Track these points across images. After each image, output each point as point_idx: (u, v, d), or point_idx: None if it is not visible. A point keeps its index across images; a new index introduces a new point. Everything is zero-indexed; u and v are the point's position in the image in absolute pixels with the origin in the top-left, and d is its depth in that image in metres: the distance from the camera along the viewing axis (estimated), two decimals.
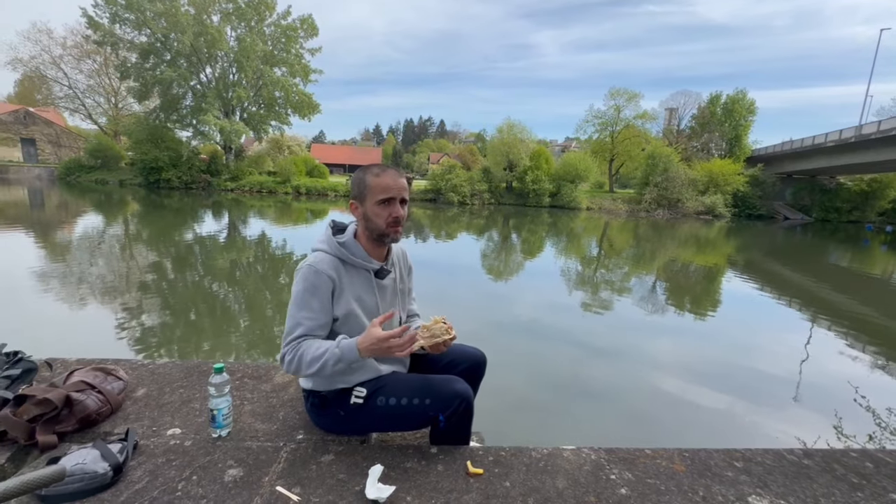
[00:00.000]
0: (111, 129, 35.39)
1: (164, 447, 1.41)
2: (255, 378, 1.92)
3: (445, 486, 1.30)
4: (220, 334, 4.78)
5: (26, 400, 1.42)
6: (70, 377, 1.57)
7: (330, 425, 1.53)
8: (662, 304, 7.65)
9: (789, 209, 33.14)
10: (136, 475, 1.27)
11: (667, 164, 30.05)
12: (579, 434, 3.35)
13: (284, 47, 29.52)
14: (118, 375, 1.68)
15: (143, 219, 15.22)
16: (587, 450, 1.54)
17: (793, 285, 10.14)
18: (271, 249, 10.55)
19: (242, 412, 1.64)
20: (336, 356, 1.28)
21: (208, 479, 1.27)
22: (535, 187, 29.84)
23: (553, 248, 14.18)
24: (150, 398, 1.70)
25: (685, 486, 1.37)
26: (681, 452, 1.55)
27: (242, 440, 1.47)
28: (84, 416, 1.46)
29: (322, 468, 1.34)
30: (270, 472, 1.32)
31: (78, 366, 1.81)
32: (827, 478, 1.45)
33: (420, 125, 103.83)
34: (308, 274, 1.40)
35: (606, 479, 1.38)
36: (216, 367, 1.43)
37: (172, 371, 1.92)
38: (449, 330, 1.43)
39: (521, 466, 1.42)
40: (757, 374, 4.64)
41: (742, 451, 1.57)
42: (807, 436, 3.44)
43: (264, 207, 20.95)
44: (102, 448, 1.26)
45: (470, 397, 1.45)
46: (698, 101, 39.97)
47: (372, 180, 1.42)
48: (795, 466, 1.51)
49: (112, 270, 7.19)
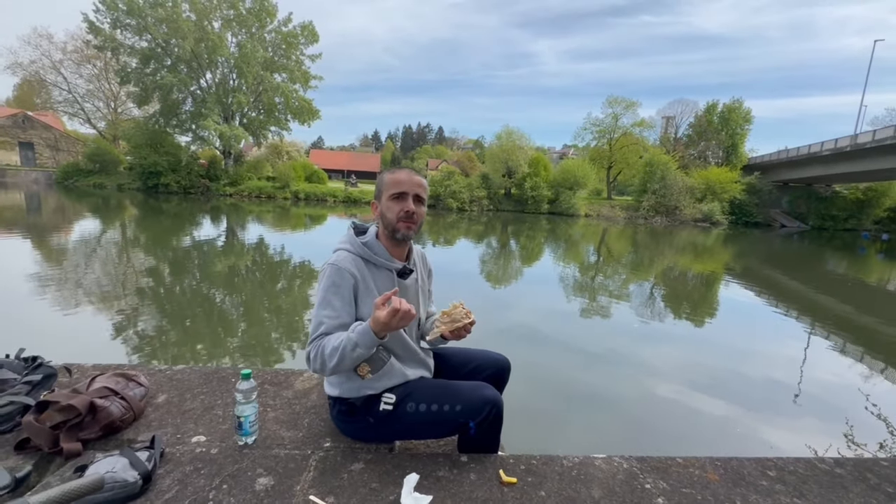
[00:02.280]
0: (110, 133, 35.31)
1: (191, 455, 1.38)
2: (275, 384, 1.89)
3: (480, 496, 1.27)
4: (225, 340, 4.73)
5: (49, 406, 1.38)
6: (92, 383, 1.53)
7: (358, 433, 1.51)
8: (668, 311, 7.66)
9: (786, 217, 33.40)
10: (165, 484, 1.24)
11: (664, 172, 30.29)
12: (591, 443, 3.32)
13: (285, 53, 29.65)
14: (139, 381, 1.65)
15: (142, 223, 15.14)
16: (618, 458, 1.52)
17: (791, 293, 10.18)
18: (270, 254, 10.50)
19: (266, 419, 1.61)
20: (353, 341, 1.25)
21: (239, 488, 1.24)
22: (534, 194, 29.97)
23: (552, 255, 14.20)
24: (171, 405, 1.67)
25: (721, 495, 1.35)
26: (712, 461, 1.53)
27: (269, 448, 1.45)
28: (108, 423, 1.43)
29: (353, 477, 1.32)
30: (301, 480, 1.29)
31: (96, 371, 1.78)
32: (861, 487, 1.44)
33: (419, 131, 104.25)
34: (331, 272, 1.39)
35: (642, 488, 1.36)
36: (244, 373, 1.40)
37: (191, 377, 1.89)
38: (468, 314, 1.43)
39: (553, 475, 1.40)
40: (760, 382, 4.64)
41: (774, 460, 1.56)
42: (817, 444, 3.42)
43: (263, 213, 20.90)
44: (131, 456, 1.23)
45: (500, 404, 1.43)
46: (695, 110, 40.47)
47: (387, 177, 1.47)
48: (829, 475, 1.49)
49: (113, 275, 7.13)
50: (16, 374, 1.56)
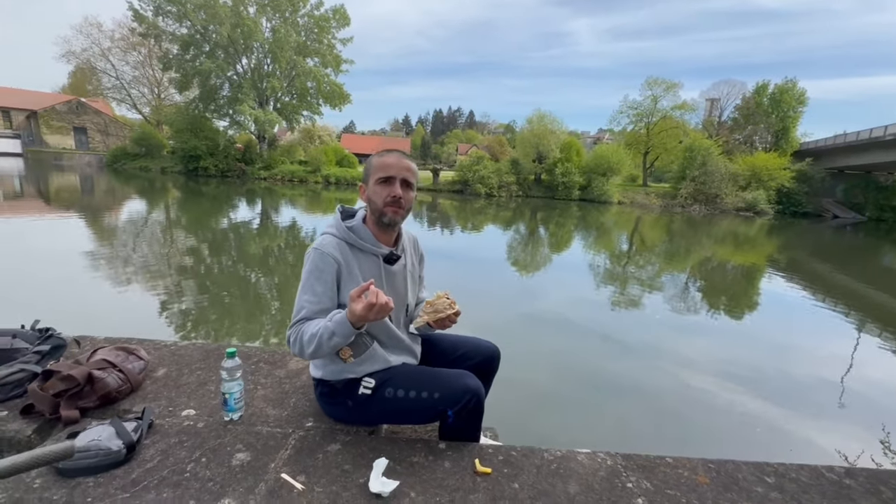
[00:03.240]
0: (154, 118, 37.05)
1: (178, 428, 1.43)
2: (270, 363, 1.94)
3: (451, 484, 1.26)
4: (245, 319, 4.92)
5: (53, 375, 1.47)
6: (93, 355, 1.62)
7: (339, 415, 1.52)
8: (695, 302, 7.33)
9: (839, 207, 31.03)
10: (148, 454, 1.29)
11: (705, 158, 28.66)
12: (598, 435, 3.25)
13: (317, 38, 29.89)
14: (139, 355, 1.72)
15: (183, 205, 15.87)
16: (603, 454, 1.46)
17: (840, 288, 9.49)
18: (301, 237, 10.78)
19: (255, 397, 1.66)
20: (329, 329, 1.25)
21: (216, 462, 1.28)
22: (565, 180, 29.13)
23: (581, 243, 13.84)
24: (169, 378, 1.75)
25: (708, 499, 1.28)
26: (705, 463, 1.45)
27: (253, 425, 1.48)
28: (105, 394, 1.50)
29: (328, 458, 1.33)
30: (277, 458, 1.32)
31: (104, 344, 1.88)
32: (871, 500, 1.32)
33: (449, 116, 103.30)
34: (314, 257, 1.39)
35: (622, 486, 1.31)
36: (228, 351, 1.44)
37: (192, 352, 1.97)
38: (452, 304, 1.40)
39: (531, 468, 1.36)
40: (795, 382, 4.38)
41: (775, 466, 1.46)
42: (849, 452, 3.20)
43: (295, 196, 21.44)
44: (118, 426, 1.29)
45: (480, 393, 1.40)
46: (742, 91, 37.83)
47: (376, 160, 1.43)
48: (836, 486, 1.38)
49: (151, 254, 7.53)
50: (28, 343, 1.66)
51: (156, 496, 1.13)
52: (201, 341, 2.09)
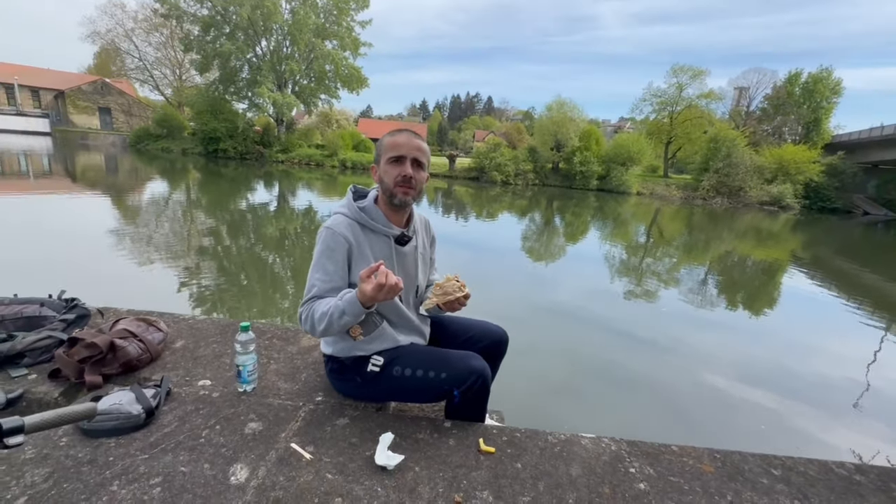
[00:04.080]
0: (176, 100, 37.59)
1: (194, 396, 1.49)
2: (283, 339, 1.99)
3: (455, 461, 1.28)
4: (262, 298, 5.03)
5: (77, 342, 1.54)
6: (115, 325, 1.69)
7: (348, 391, 1.56)
8: (712, 296, 7.19)
9: (871, 203, 29.80)
10: (166, 419, 1.35)
11: (730, 149, 27.74)
12: (604, 422, 3.25)
13: (336, 20, 29.68)
14: (159, 327, 1.79)
15: (204, 186, 16.17)
16: (607, 440, 1.47)
17: (866, 287, 9.19)
18: (318, 220, 10.91)
19: (268, 370, 1.71)
20: (340, 308, 1.27)
21: (230, 430, 1.33)
22: (583, 169, 28.62)
23: (597, 234, 13.66)
24: (186, 350, 1.81)
25: (711, 488, 1.28)
26: (711, 452, 1.45)
27: (265, 397, 1.53)
28: (126, 362, 1.57)
29: (336, 430, 1.37)
30: (287, 429, 1.36)
31: (125, 315, 1.95)
32: (881, 498, 1.30)
33: (467, 101, 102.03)
34: (325, 236, 1.40)
35: (625, 471, 1.31)
36: (242, 325, 1.48)
37: (209, 327, 2.03)
38: (462, 287, 1.40)
39: (534, 449, 1.38)
40: (811, 378, 4.29)
41: (782, 459, 1.44)
42: (862, 450, 3.15)
43: (312, 180, 21.61)
44: (138, 392, 1.35)
45: (486, 375, 1.42)
46: (773, 80, 36.32)
47: (387, 140, 1.43)
48: (845, 481, 1.36)
49: (172, 232, 7.72)
50: (55, 311, 1.74)
51: (172, 458, 1.19)
52: (217, 317, 2.15)
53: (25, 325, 1.65)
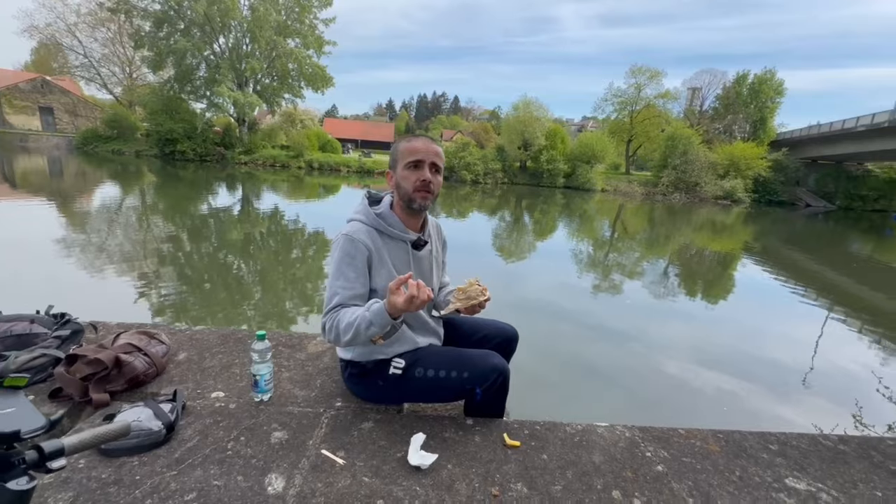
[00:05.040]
0: (126, 99, 35.39)
1: (211, 409, 1.45)
2: (289, 347, 1.96)
3: (484, 457, 1.32)
4: (241, 305, 4.88)
5: (78, 359, 1.46)
6: (117, 339, 1.61)
7: (368, 394, 1.56)
8: (682, 289, 7.59)
9: (812, 196, 32.20)
10: (186, 434, 1.31)
11: (686, 147, 29.24)
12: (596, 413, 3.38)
13: (298, 17, 28.93)
14: (161, 339, 1.72)
15: (160, 190, 15.37)
16: (621, 427, 1.55)
17: (811, 274, 9.95)
18: (284, 224, 10.62)
19: (281, 379, 1.68)
20: (367, 320, 1.25)
21: (255, 440, 1.31)
22: (550, 167, 29.36)
23: (565, 230, 14.05)
24: (191, 362, 1.75)
25: (721, 465, 1.38)
26: (714, 433, 1.56)
27: (284, 405, 1.51)
28: (133, 377, 1.51)
29: (363, 434, 1.38)
30: (314, 436, 1.35)
31: (120, 329, 1.86)
32: (864, 464, 1.45)
33: (434, 101, 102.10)
34: (344, 243, 1.39)
35: (642, 455, 1.40)
36: (259, 334, 1.45)
37: (210, 337, 1.97)
38: (484, 291, 1.42)
39: (556, 440, 1.44)
40: (772, 361, 4.61)
41: (776, 435, 1.57)
42: (824, 422, 3.42)
43: (277, 181, 21.00)
44: (155, 407, 1.31)
45: (507, 372, 1.46)
46: (723, 81, 38.47)
47: (403, 145, 1.43)
48: (832, 452, 1.50)
49: (135, 240, 7.32)
50: (46, 328, 1.64)
51: (203, 473, 1.16)
52: (215, 327, 2.09)
53: (16, 344, 1.55)
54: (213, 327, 2.07)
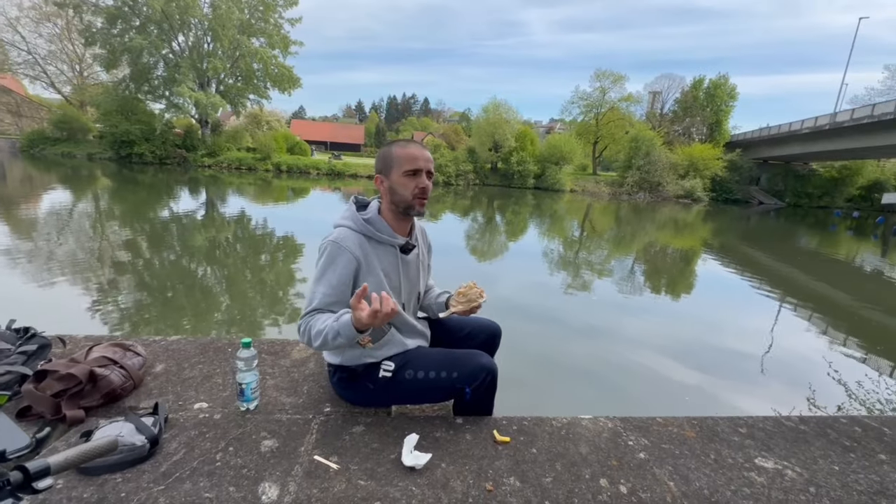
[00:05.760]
0: (77, 99, 33.35)
1: (195, 420, 1.41)
2: (272, 354, 1.92)
3: (476, 454, 1.35)
4: (209, 313, 4.71)
5: (48, 375, 1.39)
6: (90, 352, 1.54)
7: (357, 398, 1.56)
8: (648, 286, 7.90)
9: (764, 194, 34.23)
10: (171, 447, 1.27)
11: (649, 148, 30.47)
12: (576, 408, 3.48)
13: (262, 16, 28.20)
14: (136, 351, 1.66)
15: (116, 195, 14.60)
16: (604, 419, 1.62)
17: (764, 267, 10.58)
18: (252, 228, 10.33)
19: (266, 387, 1.65)
20: (335, 330, 1.25)
21: (245, 450, 1.29)
22: (520, 168, 29.89)
23: (536, 230, 14.34)
24: (170, 374, 1.69)
25: (697, 450, 1.46)
26: (689, 420, 1.65)
27: (271, 413, 1.49)
28: (109, 391, 1.44)
29: (355, 438, 1.38)
30: (305, 442, 1.34)
31: (89, 342, 1.77)
32: (822, 441, 1.57)
33: (404, 103, 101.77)
34: (332, 250, 1.39)
35: (625, 444, 1.46)
36: (244, 341, 1.43)
37: (187, 347, 1.91)
38: (482, 294, 1.48)
39: (543, 434, 1.49)
40: (734, 351, 4.88)
41: (745, 419, 1.68)
42: (783, 406, 3.66)
43: (244, 185, 20.38)
44: (136, 421, 1.26)
45: (495, 371, 1.50)
46: (682, 85, 40.38)
47: (398, 151, 1.42)
48: (794, 432, 1.62)
49: (90, 248, 6.93)
50: (9, 344, 1.54)
51: (192, 486, 1.13)
52: (193, 337, 2.03)
53: None
54: (190, 337, 2.00)
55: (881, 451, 1.54)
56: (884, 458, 1.51)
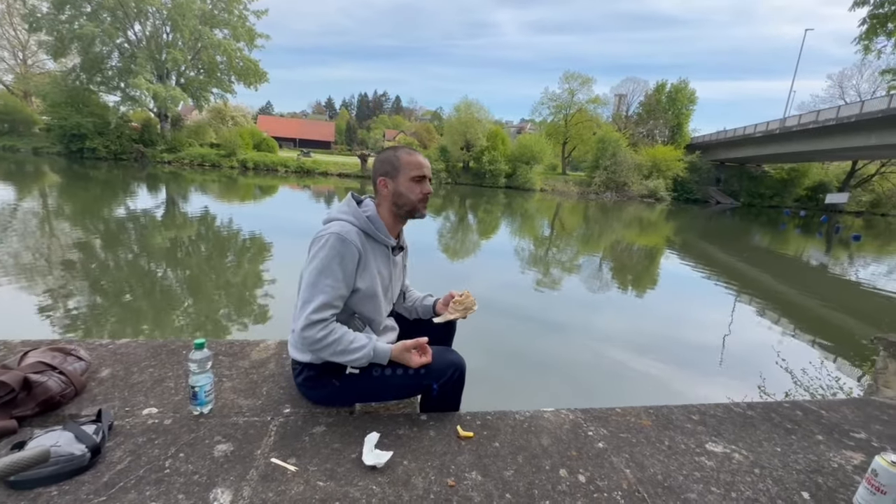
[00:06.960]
0: (20, 88, 31.11)
1: (143, 427, 1.34)
2: (230, 355, 1.85)
3: (439, 450, 1.35)
4: (170, 315, 4.51)
5: None
6: (25, 358, 1.43)
7: (322, 397, 1.52)
8: (614, 282, 8.15)
9: (721, 194, 35.97)
10: (115, 456, 1.20)
11: (615, 149, 31.41)
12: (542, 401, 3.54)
13: (226, 7, 27.18)
14: (78, 355, 1.55)
15: (66, 192, 13.73)
16: (565, 411, 1.65)
17: (722, 264, 11.14)
18: (216, 227, 9.95)
19: (223, 389, 1.59)
20: (369, 357, 1.36)
21: (196, 455, 1.23)
22: (492, 168, 30.16)
23: (508, 229, 14.52)
24: (116, 378, 1.60)
25: (653, 437, 1.51)
26: (647, 409, 1.70)
27: (227, 416, 1.43)
28: (46, 399, 1.35)
29: (315, 439, 1.35)
30: (262, 445, 1.30)
31: (26, 347, 1.65)
32: (767, 425, 1.67)
33: (375, 100, 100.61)
34: (335, 242, 1.35)
35: (585, 435, 1.50)
36: (197, 342, 1.36)
37: (137, 350, 1.81)
38: (475, 302, 1.59)
39: (506, 428, 1.50)
40: (692, 343, 5.12)
41: (697, 406, 1.76)
42: (735, 393, 3.86)
43: (207, 182, 19.61)
44: (76, 430, 1.18)
45: (463, 367, 1.50)
46: (646, 89, 41.85)
47: (405, 157, 1.48)
48: (742, 417, 1.71)
49: (36, 248, 6.48)
50: None
51: (137, 496, 1.07)
52: (144, 339, 1.93)
53: None
54: (141, 339, 1.90)
55: (819, 433, 1.65)
56: (821, 438, 1.61)
